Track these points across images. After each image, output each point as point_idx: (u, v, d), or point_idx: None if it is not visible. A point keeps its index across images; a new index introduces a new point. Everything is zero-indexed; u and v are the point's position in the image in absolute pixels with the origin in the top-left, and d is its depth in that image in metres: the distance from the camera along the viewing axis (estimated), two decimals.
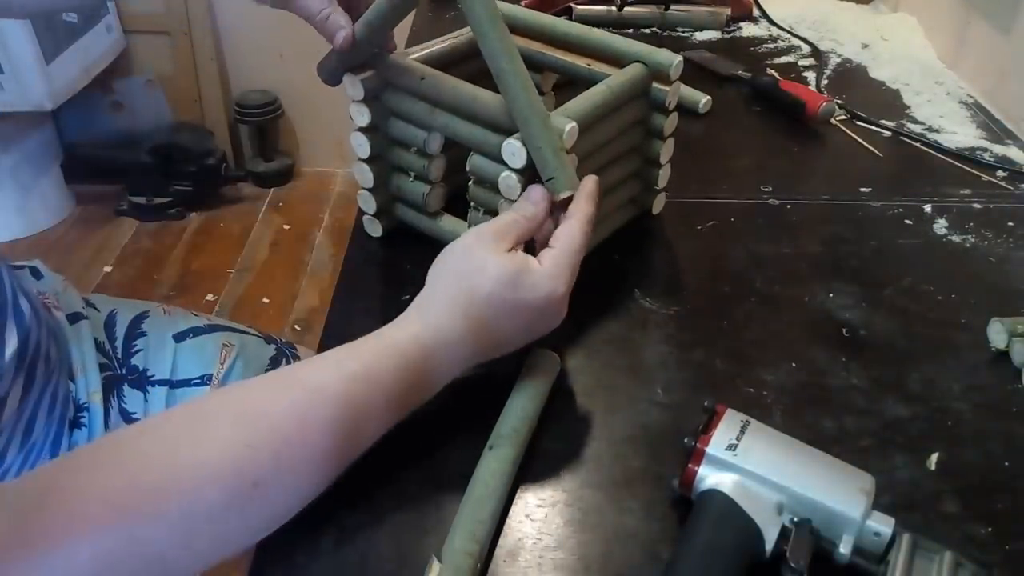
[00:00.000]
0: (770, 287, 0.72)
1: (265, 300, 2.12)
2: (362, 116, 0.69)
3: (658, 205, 0.79)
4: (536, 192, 0.58)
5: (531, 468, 0.55)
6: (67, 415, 0.75)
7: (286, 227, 2.39)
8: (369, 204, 0.74)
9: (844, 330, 0.67)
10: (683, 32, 1.25)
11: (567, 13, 1.25)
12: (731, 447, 0.49)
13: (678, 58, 0.70)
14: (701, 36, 1.23)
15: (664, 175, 0.77)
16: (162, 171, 2.32)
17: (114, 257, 2.23)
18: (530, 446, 0.56)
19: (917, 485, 0.54)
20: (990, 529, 0.52)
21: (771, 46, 1.20)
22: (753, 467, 0.48)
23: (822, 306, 0.70)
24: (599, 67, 0.71)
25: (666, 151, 0.75)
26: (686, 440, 0.50)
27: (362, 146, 0.70)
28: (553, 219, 0.58)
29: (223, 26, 2.37)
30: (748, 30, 1.26)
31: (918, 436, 0.58)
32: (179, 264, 2.22)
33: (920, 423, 0.59)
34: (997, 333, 0.65)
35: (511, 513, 0.52)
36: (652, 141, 0.74)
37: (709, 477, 0.49)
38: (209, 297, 2.11)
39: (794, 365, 0.64)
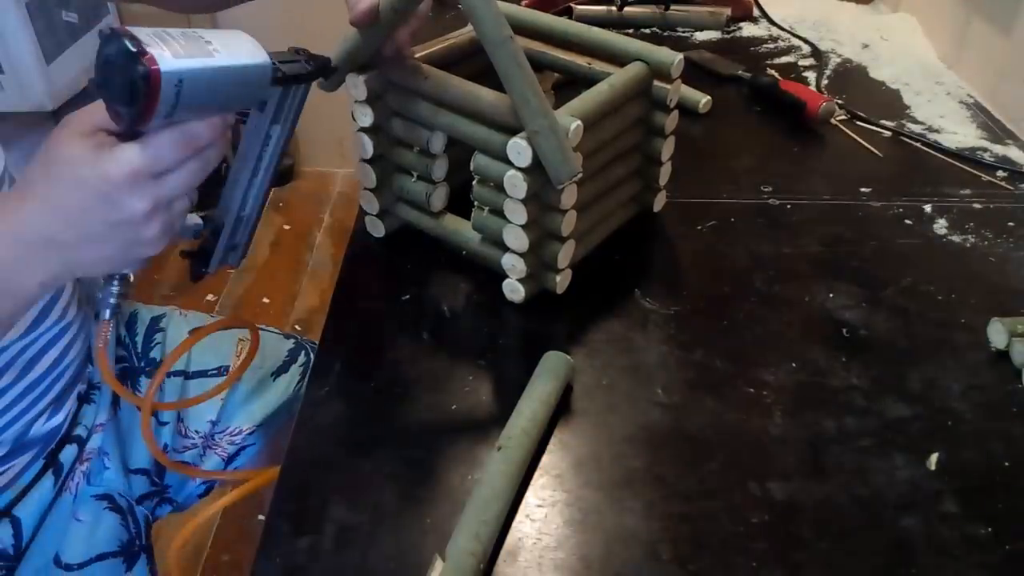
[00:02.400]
0: (770, 287, 0.72)
1: (265, 300, 2.11)
2: (365, 116, 0.69)
3: (659, 203, 0.79)
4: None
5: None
6: (78, 386, 0.76)
7: (286, 227, 2.38)
8: (372, 204, 0.74)
9: (844, 330, 0.67)
10: (683, 32, 1.25)
11: (567, 13, 1.25)
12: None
13: (679, 56, 0.70)
14: (701, 36, 1.23)
15: (665, 173, 0.77)
16: None
17: None
18: None
19: (917, 485, 0.54)
20: (990, 529, 0.52)
21: (771, 46, 1.20)
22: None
23: (822, 306, 0.70)
24: (599, 65, 0.71)
25: (667, 149, 0.75)
26: None
27: (365, 146, 0.71)
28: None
29: (223, 26, 2.37)
30: (748, 30, 1.26)
31: (918, 436, 0.58)
32: (179, 264, 2.21)
33: (920, 423, 0.59)
34: (997, 333, 0.65)
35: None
36: (653, 139, 0.74)
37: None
38: (209, 297, 2.10)
39: (794, 365, 0.64)
